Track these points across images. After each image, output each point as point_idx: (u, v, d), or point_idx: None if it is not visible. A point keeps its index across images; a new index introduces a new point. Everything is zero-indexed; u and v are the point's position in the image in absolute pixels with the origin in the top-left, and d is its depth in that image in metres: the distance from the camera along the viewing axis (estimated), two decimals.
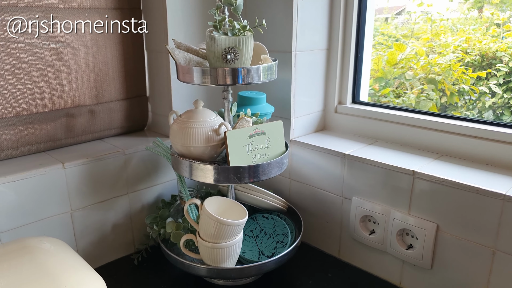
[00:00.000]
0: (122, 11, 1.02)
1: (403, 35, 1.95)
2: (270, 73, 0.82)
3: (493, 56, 3.05)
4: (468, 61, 3.12)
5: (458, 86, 2.27)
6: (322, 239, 1.07)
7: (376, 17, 4.28)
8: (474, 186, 0.78)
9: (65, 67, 0.95)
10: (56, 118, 0.96)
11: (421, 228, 0.86)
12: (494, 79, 2.97)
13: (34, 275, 0.63)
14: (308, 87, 1.08)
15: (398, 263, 0.93)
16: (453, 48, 2.25)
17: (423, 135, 0.97)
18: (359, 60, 1.09)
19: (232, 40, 0.73)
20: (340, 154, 0.97)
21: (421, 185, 0.84)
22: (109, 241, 1.01)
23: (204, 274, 0.86)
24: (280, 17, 1.00)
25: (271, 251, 0.92)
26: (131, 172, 1.00)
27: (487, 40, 2.97)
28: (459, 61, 2.72)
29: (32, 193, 0.86)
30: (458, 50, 2.86)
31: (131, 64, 1.07)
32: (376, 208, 0.93)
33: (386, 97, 1.75)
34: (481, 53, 3.05)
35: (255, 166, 0.82)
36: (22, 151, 0.93)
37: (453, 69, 2.04)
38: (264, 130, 0.84)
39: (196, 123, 0.82)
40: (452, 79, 2.13)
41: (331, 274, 0.98)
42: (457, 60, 2.53)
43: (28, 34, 0.88)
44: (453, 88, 2.23)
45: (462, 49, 3.07)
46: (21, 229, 0.86)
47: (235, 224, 0.80)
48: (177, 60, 0.80)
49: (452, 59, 2.29)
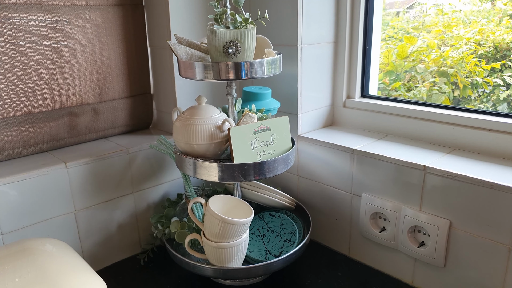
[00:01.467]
0: (124, 7, 1.00)
1: (414, 27, 1.91)
2: (274, 67, 0.79)
3: (507, 47, 2.97)
4: (482, 53, 3.05)
5: (471, 78, 2.21)
6: (332, 237, 1.04)
7: (387, 11, 4.23)
8: (488, 181, 0.74)
9: (66, 65, 0.94)
10: (58, 117, 0.95)
11: (433, 225, 0.83)
12: (509, 71, 2.90)
13: (33, 278, 0.62)
14: (316, 81, 1.05)
15: (410, 261, 0.90)
16: (465, 40, 2.20)
17: (435, 129, 0.94)
18: (368, 53, 1.06)
19: (233, 33, 0.70)
20: (349, 149, 0.94)
21: (433, 180, 0.81)
22: (114, 242, 0.99)
23: (210, 274, 0.84)
24: (285, 10, 0.97)
25: (278, 250, 0.89)
26: (136, 171, 0.99)
27: (501, 32, 2.91)
28: (472, 53, 2.66)
29: (35, 193, 0.85)
30: (471, 42, 2.80)
31: (135, 61, 1.05)
32: (386, 205, 0.90)
33: (397, 91, 1.72)
34: (495, 45, 2.97)
35: (261, 163, 0.80)
36: (24, 151, 0.92)
37: (465, 61, 1.99)
38: (269, 126, 0.82)
39: (199, 120, 0.80)
40: (465, 71, 2.08)
41: (340, 273, 0.95)
42: (470, 52, 2.47)
43: (28, 32, 0.86)
44: (466, 81, 2.18)
45: (475, 41, 3.00)
46: (24, 230, 0.85)
47: (240, 223, 0.78)
48: (179, 55, 0.78)
49: (464, 51, 2.24)
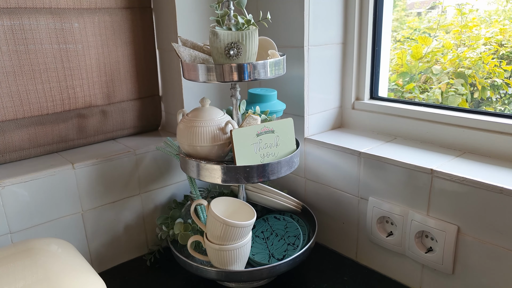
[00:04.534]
0: (132, 10, 1.01)
1: (429, 27, 1.88)
2: (277, 68, 0.79)
3: None
4: (503, 54, 2.97)
5: (491, 79, 2.15)
6: (339, 240, 1.03)
7: (408, 12, 4.18)
8: (498, 186, 0.72)
9: (75, 67, 0.95)
10: (67, 119, 0.97)
11: (441, 231, 0.81)
12: None
13: (33, 278, 0.63)
14: (323, 83, 1.04)
15: (417, 267, 0.88)
16: (484, 40, 2.14)
17: (444, 131, 0.92)
18: (377, 54, 1.05)
19: (234, 35, 0.70)
20: (356, 152, 0.93)
21: (441, 184, 0.79)
22: (121, 242, 1.00)
23: (212, 276, 0.84)
24: (292, 11, 0.97)
25: (281, 253, 0.89)
26: (143, 172, 0.99)
27: None
28: (491, 54, 2.59)
29: (43, 193, 0.87)
30: (491, 42, 2.72)
31: (143, 64, 1.06)
32: (393, 209, 0.88)
33: (411, 93, 1.69)
34: None
35: (264, 165, 0.79)
36: (34, 152, 0.94)
37: (484, 62, 1.94)
38: (272, 128, 0.82)
39: (202, 122, 0.80)
40: (484, 72, 2.03)
41: (347, 278, 0.94)
42: (489, 52, 2.41)
43: (38, 36, 0.88)
44: (484, 82, 2.13)
45: (497, 41, 2.93)
46: (32, 230, 0.87)
47: (242, 225, 0.78)
48: (182, 57, 0.78)
49: (483, 52, 2.18)
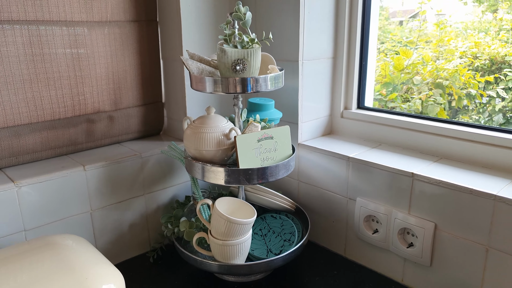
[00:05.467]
0: (139, 23, 1.09)
1: (409, 41, 1.99)
2: (277, 81, 0.88)
3: (502, 60, 3.07)
4: (478, 66, 3.15)
5: (466, 90, 2.30)
6: (329, 238, 1.12)
7: (391, 21, 4.35)
8: (468, 187, 0.82)
9: (86, 76, 1.02)
10: (77, 124, 1.03)
11: (421, 227, 0.91)
12: (503, 83, 3.00)
13: (57, 268, 0.69)
14: (315, 93, 1.13)
15: (400, 261, 0.97)
16: (459, 54, 2.28)
17: (424, 139, 1.02)
18: (364, 67, 1.14)
19: (241, 53, 0.79)
20: (345, 157, 1.02)
21: (420, 186, 0.89)
22: (126, 240, 1.07)
23: (215, 270, 0.92)
24: (288, 29, 1.06)
25: (278, 249, 0.97)
26: (147, 174, 1.07)
27: (496, 45, 3.01)
28: (467, 66, 2.75)
29: (55, 194, 0.93)
30: (467, 55, 2.89)
31: (148, 72, 1.13)
32: (379, 208, 0.98)
33: (394, 102, 1.80)
34: (490, 58, 3.08)
35: (263, 168, 0.88)
36: (46, 154, 1.00)
37: (460, 74, 2.07)
38: (271, 134, 0.90)
39: (208, 128, 0.88)
40: (460, 83, 2.17)
41: (336, 272, 1.03)
42: (465, 65, 2.56)
43: (53, 46, 0.95)
44: (461, 92, 2.26)
45: (472, 54, 3.11)
46: (45, 228, 0.93)
47: (244, 222, 0.86)
48: (191, 70, 0.86)
49: (459, 64, 2.32)
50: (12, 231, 0.88)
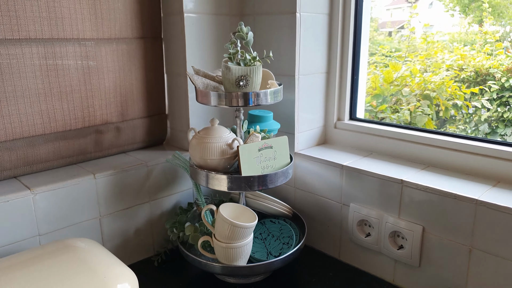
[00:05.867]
0: (145, 39, 1.15)
1: (398, 56, 2.09)
2: (276, 96, 0.95)
3: (487, 72, 3.20)
4: (464, 77, 3.28)
5: (452, 101, 2.40)
6: (324, 242, 1.18)
7: (380, 31, 4.49)
8: (453, 193, 0.90)
9: (95, 89, 1.08)
10: (87, 134, 1.09)
11: (410, 230, 0.98)
12: (488, 94, 3.12)
13: (77, 269, 0.75)
14: (310, 105, 1.20)
15: (391, 262, 1.04)
16: (445, 67, 2.38)
17: (412, 149, 1.09)
18: (355, 81, 1.22)
19: (244, 70, 0.86)
20: (339, 165, 1.09)
21: (409, 192, 0.97)
22: (132, 244, 1.12)
23: (218, 271, 0.98)
24: (285, 46, 1.13)
25: (278, 251, 1.03)
26: (152, 182, 1.13)
27: (481, 58, 3.13)
28: (454, 78, 2.86)
29: (68, 200, 0.99)
30: (454, 67, 3.01)
31: (153, 86, 1.20)
32: (371, 213, 1.05)
33: (384, 113, 1.88)
34: (475, 70, 3.20)
35: (264, 176, 0.94)
36: (57, 163, 1.06)
37: (446, 85, 2.17)
38: (271, 144, 0.97)
39: (213, 139, 0.95)
40: (446, 94, 2.26)
41: (332, 273, 1.09)
42: (451, 77, 2.67)
43: (66, 62, 1.01)
44: (447, 103, 2.36)
45: (458, 66, 3.23)
46: (57, 232, 0.98)
47: (247, 226, 0.92)
48: (196, 85, 0.93)
49: (445, 76, 2.43)
50: (27, 236, 0.93)
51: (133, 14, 1.12)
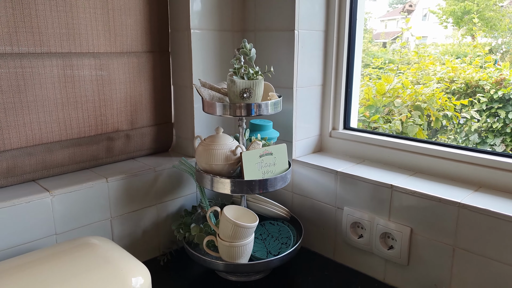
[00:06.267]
0: (154, 53, 1.24)
1: (390, 69, 2.19)
2: (276, 106, 1.03)
3: (476, 84, 3.31)
4: (455, 89, 3.38)
5: (443, 112, 2.50)
6: (320, 243, 1.26)
7: (375, 42, 4.62)
8: (438, 196, 0.98)
9: (108, 99, 1.17)
10: (99, 141, 1.17)
11: (399, 232, 1.06)
12: (478, 106, 3.23)
13: (95, 263, 0.83)
14: (307, 115, 1.29)
15: (381, 262, 1.12)
16: (436, 79, 2.49)
17: (401, 156, 1.18)
18: (349, 93, 1.31)
19: (248, 83, 0.95)
20: (334, 171, 1.18)
21: (398, 196, 1.05)
22: (139, 245, 1.20)
23: (222, 269, 1.05)
24: (284, 60, 1.22)
25: (277, 250, 1.11)
26: (159, 186, 1.20)
27: (470, 70, 3.25)
28: (445, 89, 2.97)
29: (82, 202, 1.06)
30: (445, 79, 3.12)
31: (160, 96, 1.28)
32: (363, 216, 1.13)
33: (376, 123, 1.97)
34: (466, 82, 3.31)
35: (264, 180, 1.03)
36: (72, 168, 1.14)
37: (436, 97, 2.28)
38: (271, 151, 1.05)
39: (217, 146, 1.03)
40: (437, 105, 2.37)
41: (327, 273, 1.17)
42: (442, 89, 2.77)
43: (82, 74, 1.10)
44: (438, 114, 2.46)
45: (449, 78, 3.33)
46: (72, 232, 1.06)
47: (248, 226, 1.00)
48: (203, 96, 1.02)
49: (436, 88, 2.53)
50: (45, 235, 1.00)
51: (143, 30, 1.20)
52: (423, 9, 6.74)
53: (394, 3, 8.54)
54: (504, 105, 3.11)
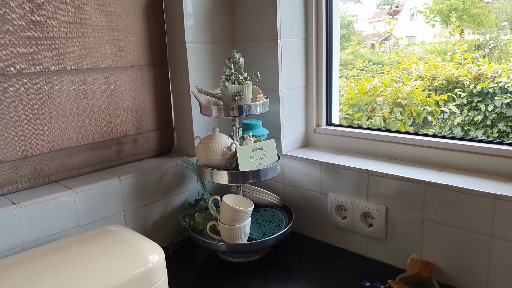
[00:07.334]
0: (154, 66, 1.40)
1: (370, 70, 2.35)
2: (264, 107, 1.20)
3: (457, 80, 3.51)
4: (437, 85, 3.57)
5: (423, 107, 2.67)
6: (310, 227, 1.42)
7: (364, 44, 4.82)
8: (406, 177, 1.14)
9: (116, 108, 1.32)
10: (110, 145, 1.33)
11: (376, 210, 1.22)
12: (459, 100, 3.42)
13: (117, 245, 0.98)
14: (293, 115, 1.45)
15: (364, 239, 1.28)
16: (415, 77, 2.66)
17: (376, 146, 1.34)
18: (329, 93, 1.48)
19: (238, 87, 1.11)
20: (318, 162, 1.34)
21: (374, 179, 1.21)
22: (149, 235, 1.32)
23: (224, 249, 1.21)
24: (270, 66, 1.39)
25: (271, 232, 1.27)
26: (165, 183, 1.36)
27: (450, 67, 3.44)
28: (427, 87, 3.15)
29: (99, 198, 1.21)
30: (427, 76, 3.31)
31: (162, 104, 1.44)
32: (346, 199, 1.28)
33: (359, 120, 2.13)
34: (447, 78, 3.50)
35: (257, 171, 1.18)
36: (88, 170, 1.29)
37: (416, 94, 2.45)
38: (262, 146, 1.21)
39: (215, 143, 1.19)
40: (417, 101, 2.54)
41: (317, 252, 1.32)
42: (422, 86, 2.95)
43: (93, 87, 1.25)
44: (419, 110, 2.64)
45: (431, 75, 3.53)
46: (92, 224, 1.21)
47: (245, 211, 1.16)
48: (200, 101, 1.18)
49: (417, 86, 2.71)
50: (70, 227, 1.16)
51: (144, 45, 1.37)
52: (410, 9, 6.92)
53: (382, 4, 8.74)
54: (483, 99, 3.29)
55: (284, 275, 1.19)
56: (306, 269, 1.23)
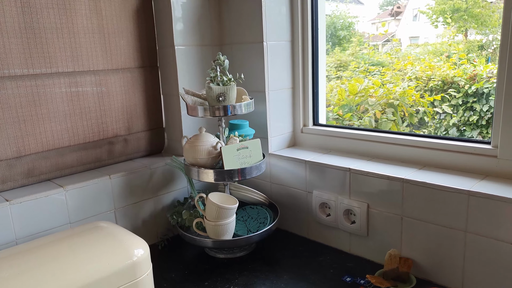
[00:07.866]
0: (145, 68, 1.45)
1: (361, 71, 2.39)
2: (248, 107, 1.24)
3: (452, 81, 3.54)
4: (432, 86, 3.61)
5: (416, 108, 2.70)
6: (295, 225, 1.46)
7: (363, 46, 4.82)
8: (386, 174, 1.18)
9: (108, 109, 1.37)
10: (101, 145, 1.37)
11: (358, 207, 1.26)
12: (454, 101, 3.45)
13: (104, 240, 1.02)
14: (280, 115, 1.50)
15: (346, 235, 1.32)
16: (406, 78, 2.70)
17: (359, 145, 1.38)
18: (316, 94, 1.52)
19: (222, 88, 1.15)
20: (303, 161, 1.38)
21: (355, 177, 1.25)
22: (139, 233, 1.38)
23: (210, 245, 1.25)
24: (256, 68, 1.43)
25: (255, 228, 1.31)
26: (155, 182, 1.40)
27: (445, 68, 3.47)
28: (423, 88, 3.18)
29: (90, 196, 1.26)
30: (423, 77, 3.33)
31: (152, 105, 1.49)
32: (329, 197, 1.32)
33: (350, 120, 2.16)
34: (442, 79, 3.54)
35: (242, 169, 1.23)
36: (80, 169, 1.34)
37: (408, 94, 2.48)
38: (247, 145, 1.25)
39: (201, 143, 1.23)
40: (409, 102, 2.57)
41: (302, 248, 1.36)
42: (416, 86, 2.98)
43: (85, 89, 1.30)
44: (411, 110, 2.67)
45: (427, 76, 3.56)
46: (83, 221, 1.25)
47: (229, 208, 1.20)
48: (187, 101, 1.22)
49: (410, 86, 2.74)
50: (61, 223, 1.20)
51: (134, 48, 1.41)
52: (413, 9, 6.92)
53: (384, 5, 8.74)
54: (478, 99, 3.31)
55: (268, 270, 1.24)
56: (290, 264, 1.27)
